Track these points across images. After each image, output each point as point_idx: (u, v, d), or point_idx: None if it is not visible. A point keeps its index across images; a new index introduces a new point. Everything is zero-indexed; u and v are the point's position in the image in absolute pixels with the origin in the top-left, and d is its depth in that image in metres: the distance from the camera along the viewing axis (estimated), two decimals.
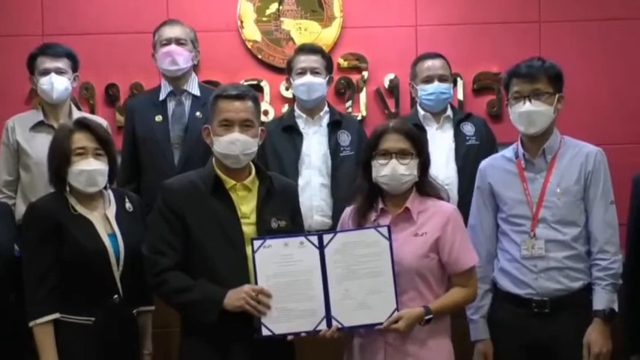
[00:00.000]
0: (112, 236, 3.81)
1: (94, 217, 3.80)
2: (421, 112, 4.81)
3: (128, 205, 3.94)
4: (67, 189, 3.81)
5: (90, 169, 3.76)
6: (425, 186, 3.78)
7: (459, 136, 4.72)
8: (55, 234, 3.73)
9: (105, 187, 3.86)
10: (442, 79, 4.80)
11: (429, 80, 4.75)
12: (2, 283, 3.84)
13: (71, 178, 3.77)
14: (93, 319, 3.72)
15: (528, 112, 3.91)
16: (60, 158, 3.79)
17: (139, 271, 3.77)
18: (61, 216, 3.75)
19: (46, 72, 4.59)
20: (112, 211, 3.86)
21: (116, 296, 3.77)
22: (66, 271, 3.72)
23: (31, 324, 3.67)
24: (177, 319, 3.83)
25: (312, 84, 4.71)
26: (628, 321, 4.03)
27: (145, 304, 3.94)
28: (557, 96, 3.96)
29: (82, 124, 3.89)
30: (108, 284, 3.75)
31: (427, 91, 4.72)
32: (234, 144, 3.67)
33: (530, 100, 3.91)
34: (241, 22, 5.38)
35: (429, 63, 4.80)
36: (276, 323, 3.57)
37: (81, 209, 3.79)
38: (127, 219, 3.88)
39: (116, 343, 3.79)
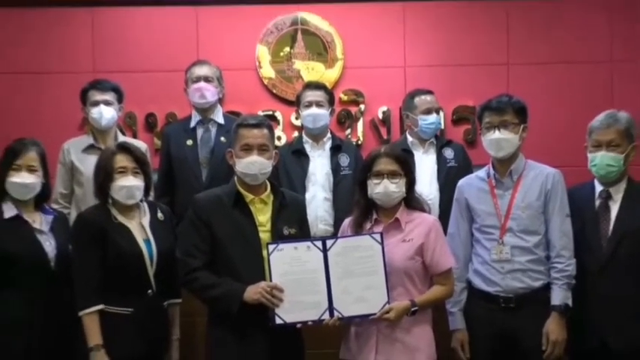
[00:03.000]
0: (147, 241, 3.85)
1: (132, 225, 3.86)
2: (409, 138, 4.83)
3: (160, 215, 3.98)
4: (110, 201, 3.86)
5: (129, 184, 3.83)
6: (412, 200, 3.84)
7: (440, 159, 4.74)
8: (99, 239, 3.76)
9: (141, 200, 3.91)
10: (437, 111, 4.84)
11: (429, 112, 4.75)
12: (60, 279, 3.88)
13: (113, 192, 3.83)
14: (131, 309, 3.75)
15: (498, 140, 3.97)
16: (104, 175, 3.85)
17: (169, 270, 3.85)
18: (104, 224, 3.79)
19: (96, 103, 4.61)
20: (146, 220, 3.91)
21: (150, 291, 3.81)
22: (108, 270, 3.74)
23: (80, 313, 3.70)
24: (201, 310, 3.89)
25: (317, 115, 4.76)
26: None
27: (174, 297, 3.98)
28: (522, 126, 4.01)
29: (124, 148, 3.96)
30: (143, 281, 3.80)
31: (428, 120, 4.72)
32: (253, 164, 3.73)
33: (499, 130, 3.97)
34: (259, 62, 5.38)
35: (428, 98, 4.80)
36: (287, 313, 3.62)
37: (121, 218, 3.84)
38: (158, 227, 3.93)
39: (150, 329, 3.82)
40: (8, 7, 5.27)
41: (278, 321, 3.62)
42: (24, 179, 3.94)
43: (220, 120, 4.83)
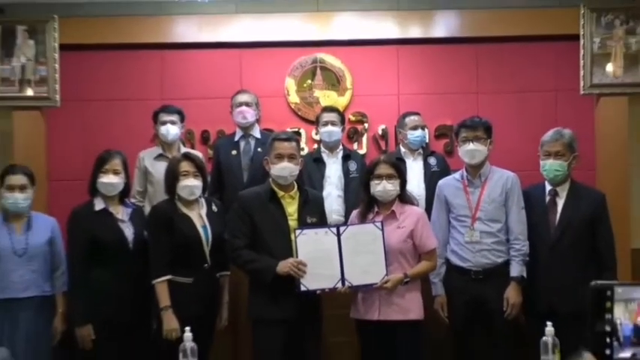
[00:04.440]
0: (204, 227, 3.83)
1: (192, 215, 3.85)
2: (402, 149, 4.77)
3: (214, 207, 3.97)
4: (176, 197, 3.86)
5: (190, 184, 3.83)
6: (404, 197, 3.86)
7: (426, 165, 4.67)
8: (168, 225, 3.78)
9: (199, 196, 3.90)
10: (422, 128, 4.78)
11: (415, 128, 4.69)
12: (136, 257, 3.89)
13: (179, 190, 3.84)
14: (191, 279, 3.76)
15: (471, 150, 3.97)
16: (172, 177, 3.87)
17: (220, 249, 3.85)
18: (171, 214, 3.81)
19: (164, 122, 4.61)
20: (203, 211, 3.89)
21: (206, 265, 3.81)
22: (174, 249, 3.75)
23: (153, 282, 3.73)
24: (244, 280, 3.89)
25: (332, 131, 4.73)
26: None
27: (224, 270, 3.97)
28: (489, 140, 4.02)
29: (187, 156, 3.99)
30: (201, 257, 3.79)
31: (414, 134, 4.65)
32: (284, 169, 3.74)
33: (472, 142, 3.97)
34: (287, 91, 5.35)
35: (415, 118, 4.73)
36: (309, 282, 3.64)
37: (184, 210, 3.84)
38: (213, 216, 3.91)
39: (206, 294, 3.84)
40: (102, 50, 5.30)
41: (302, 288, 3.64)
42: (110, 180, 3.95)
43: (258, 135, 4.82)
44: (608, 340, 2.40)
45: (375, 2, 4.93)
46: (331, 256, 3.67)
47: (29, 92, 5.06)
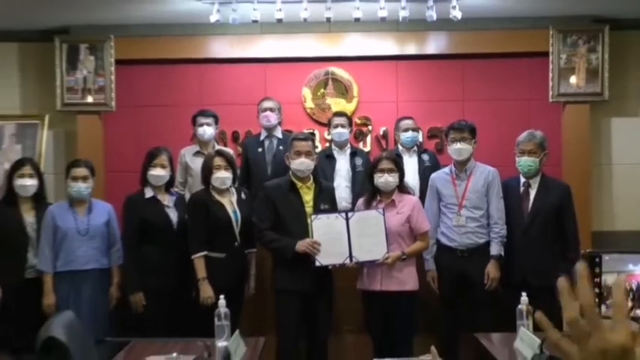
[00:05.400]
0: (234, 212, 3.84)
1: (225, 201, 3.85)
2: (400, 147, 4.78)
3: (243, 195, 3.96)
4: (211, 187, 3.85)
5: (222, 176, 3.83)
6: (402, 187, 3.85)
7: (420, 161, 4.64)
8: (204, 210, 3.79)
9: (230, 186, 3.89)
10: (413, 130, 4.72)
11: (406, 130, 4.72)
12: (179, 236, 3.89)
13: (213, 181, 3.83)
14: (224, 254, 3.78)
15: (459, 149, 3.96)
16: (207, 170, 3.87)
17: (249, 230, 3.85)
18: (207, 201, 3.81)
19: (201, 124, 4.58)
20: (234, 199, 3.89)
21: (236, 243, 3.81)
22: (210, 230, 3.77)
23: (192, 257, 3.75)
24: (268, 256, 3.91)
25: (341, 132, 4.68)
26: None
27: (251, 247, 3.96)
28: (473, 140, 4.01)
29: (219, 153, 3.99)
30: (232, 237, 3.80)
31: (406, 135, 4.69)
32: (302, 164, 3.74)
33: (460, 142, 3.96)
34: (304, 98, 5.31)
35: (408, 121, 4.68)
36: (322, 259, 3.66)
37: (218, 197, 3.84)
38: (242, 203, 3.90)
39: (236, 268, 3.86)
40: (151, 65, 5.29)
41: (317, 264, 3.66)
42: (158, 172, 3.96)
43: (280, 135, 4.80)
44: (597, 301, 2.39)
45: (377, 24, 4.88)
46: (341, 236, 3.67)
47: (90, 99, 5.08)
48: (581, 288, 0.81)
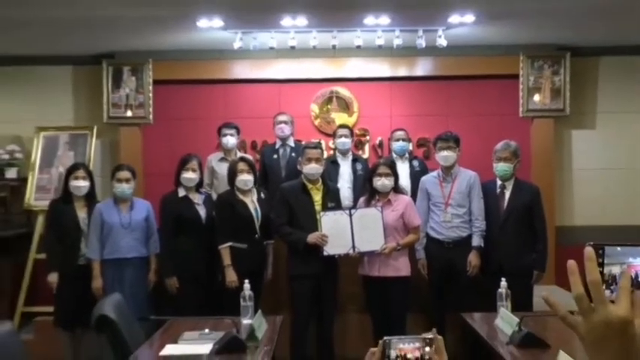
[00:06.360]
0: (255, 209, 3.79)
1: (247, 200, 3.80)
2: (394, 155, 4.74)
3: (262, 195, 3.90)
4: (235, 188, 3.80)
5: (245, 179, 3.77)
6: (397, 189, 3.80)
7: (411, 166, 4.58)
8: (229, 208, 3.74)
9: (252, 187, 3.83)
10: (404, 140, 4.70)
11: (398, 140, 4.67)
12: (210, 230, 3.85)
13: (237, 182, 3.78)
14: (246, 245, 3.72)
15: (446, 156, 3.91)
16: (232, 173, 3.82)
17: (267, 224, 3.81)
18: (232, 200, 3.76)
19: (225, 135, 4.48)
20: (255, 198, 3.83)
21: (257, 235, 3.76)
22: (234, 224, 3.72)
23: (219, 247, 3.71)
24: (284, 247, 3.84)
25: (344, 142, 4.60)
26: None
27: (269, 239, 3.90)
28: (457, 149, 3.96)
29: (242, 159, 3.93)
30: (253, 230, 3.75)
31: (396, 145, 4.65)
32: (312, 169, 3.70)
33: (446, 150, 3.91)
34: (312, 113, 5.29)
35: (400, 133, 4.61)
36: (330, 249, 3.62)
37: (241, 197, 3.79)
38: (262, 201, 3.85)
39: (256, 257, 3.80)
40: (183, 84, 5.25)
41: (325, 253, 3.62)
42: (190, 175, 3.92)
43: (292, 144, 4.74)
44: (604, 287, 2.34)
45: (375, 51, 4.87)
46: (345, 230, 3.62)
47: (131, 114, 5.11)
48: (588, 267, 0.79)
